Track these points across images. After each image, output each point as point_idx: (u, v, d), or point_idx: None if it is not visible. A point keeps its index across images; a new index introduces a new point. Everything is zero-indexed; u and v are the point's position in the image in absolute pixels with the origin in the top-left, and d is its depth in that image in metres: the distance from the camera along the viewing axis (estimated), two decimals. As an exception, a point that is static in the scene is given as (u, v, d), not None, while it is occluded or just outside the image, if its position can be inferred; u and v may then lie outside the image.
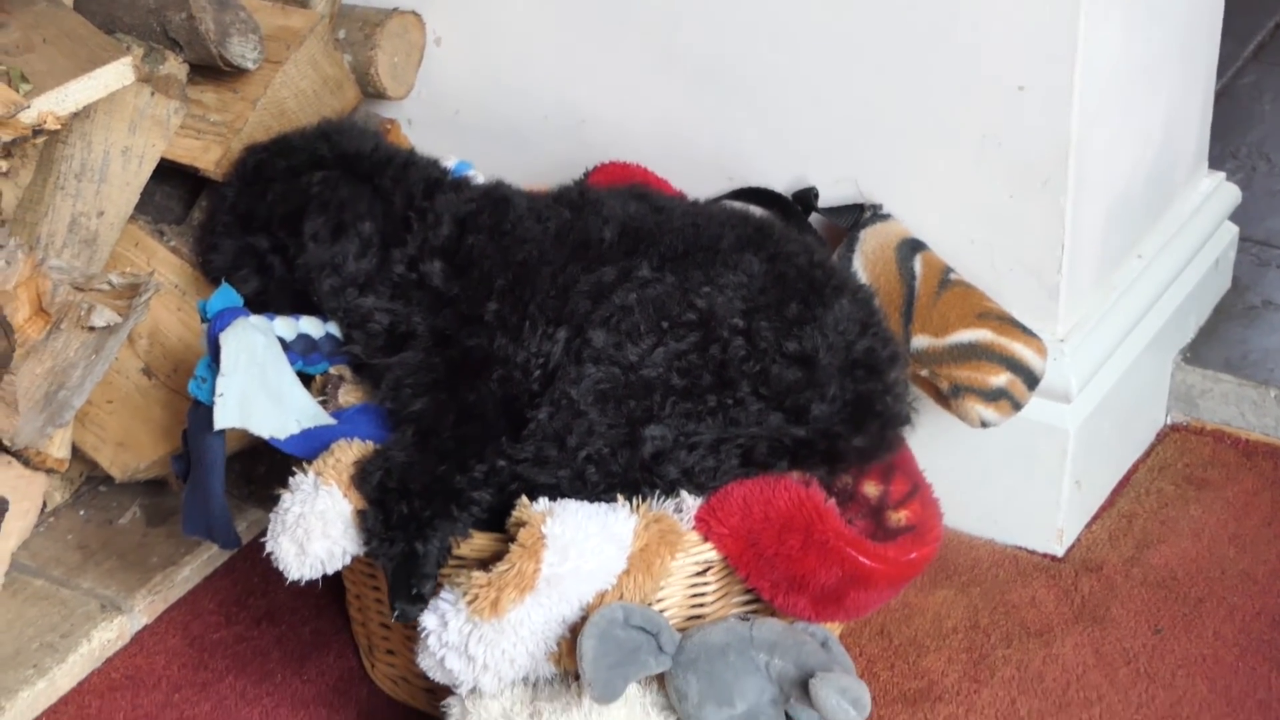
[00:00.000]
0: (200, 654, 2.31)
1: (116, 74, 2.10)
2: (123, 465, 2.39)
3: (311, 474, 2.00)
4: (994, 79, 2.22)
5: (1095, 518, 2.48)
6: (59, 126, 1.93)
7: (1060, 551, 2.42)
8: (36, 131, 1.90)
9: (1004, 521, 2.43)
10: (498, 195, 2.22)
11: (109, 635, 2.31)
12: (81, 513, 2.51)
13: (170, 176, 2.44)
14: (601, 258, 2.11)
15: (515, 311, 2.09)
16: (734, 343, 1.99)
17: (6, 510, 2.24)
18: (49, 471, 2.31)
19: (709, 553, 2.00)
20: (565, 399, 1.98)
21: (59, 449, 2.28)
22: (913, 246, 2.29)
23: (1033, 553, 2.43)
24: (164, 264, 2.39)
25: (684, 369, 1.98)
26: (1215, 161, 2.81)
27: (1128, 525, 2.47)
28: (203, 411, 2.05)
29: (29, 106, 1.90)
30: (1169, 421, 2.66)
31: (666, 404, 1.97)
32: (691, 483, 1.99)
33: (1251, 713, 2.17)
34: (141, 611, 2.35)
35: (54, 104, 2.02)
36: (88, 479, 2.53)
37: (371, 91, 2.57)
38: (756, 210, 2.31)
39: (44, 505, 2.43)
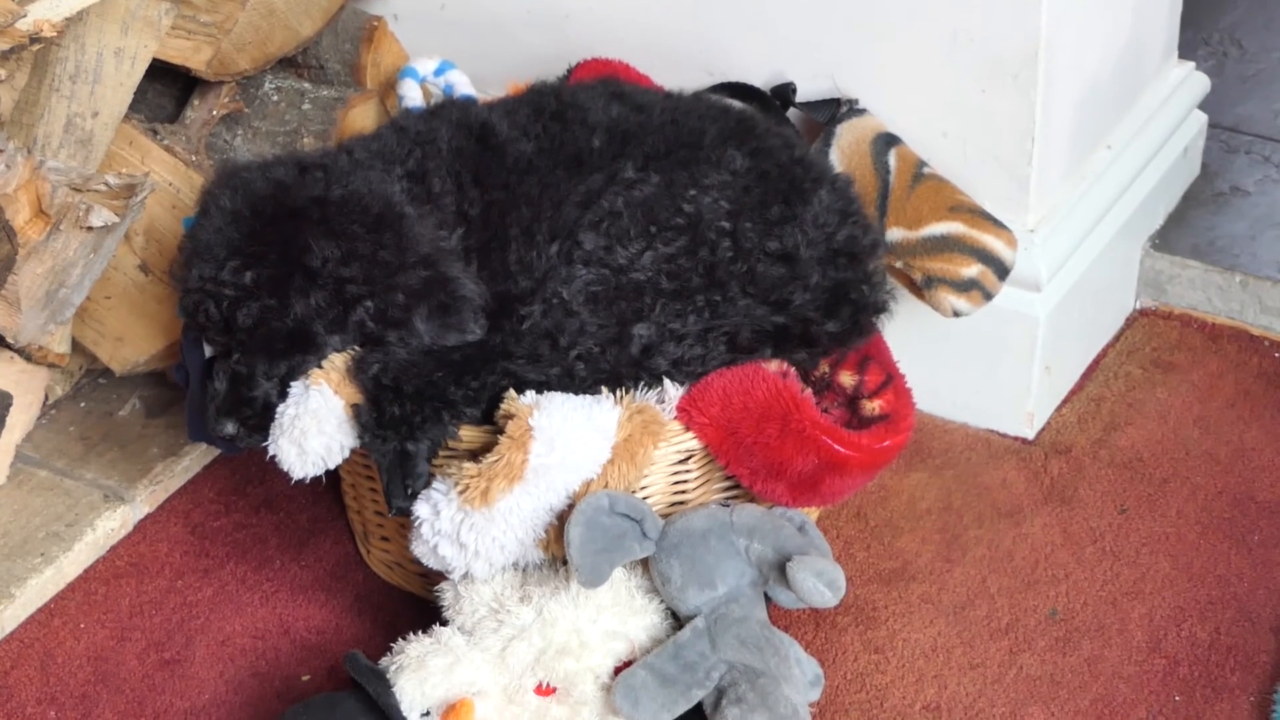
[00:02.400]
0: (201, 541, 2.39)
1: (111, -21, 2.15)
2: (122, 360, 2.46)
3: (301, 381, 2.06)
4: (966, -25, 2.28)
5: (1065, 401, 2.56)
6: (55, 34, 1.98)
7: (1031, 434, 2.50)
8: (33, 39, 1.95)
9: (977, 405, 2.51)
10: (476, 125, 2.21)
11: (113, 524, 2.39)
12: (82, 404, 2.58)
13: (162, 75, 2.48)
14: (590, 166, 2.16)
15: (523, 233, 2.13)
16: (721, 245, 2.06)
17: (10, 405, 2.31)
18: (50, 366, 2.38)
19: (690, 442, 2.07)
20: (557, 299, 2.04)
21: (59, 344, 2.35)
22: (887, 141, 2.35)
23: (1004, 436, 2.51)
24: (158, 162, 2.44)
25: (673, 272, 2.05)
26: (1187, 48, 2.86)
27: (1096, 408, 2.55)
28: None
29: (25, 15, 1.95)
30: (1138, 306, 2.74)
31: (656, 305, 2.04)
32: (681, 372, 2.06)
33: (1211, 588, 2.26)
34: (143, 501, 2.43)
35: (49, 10, 2.07)
36: (87, 371, 2.60)
37: (358, -12, 2.61)
38: (735, 104, 2.36)
39: (45, 398, 2.50)
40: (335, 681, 2.17)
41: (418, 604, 2.25)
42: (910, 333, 2.41)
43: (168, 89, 2.55)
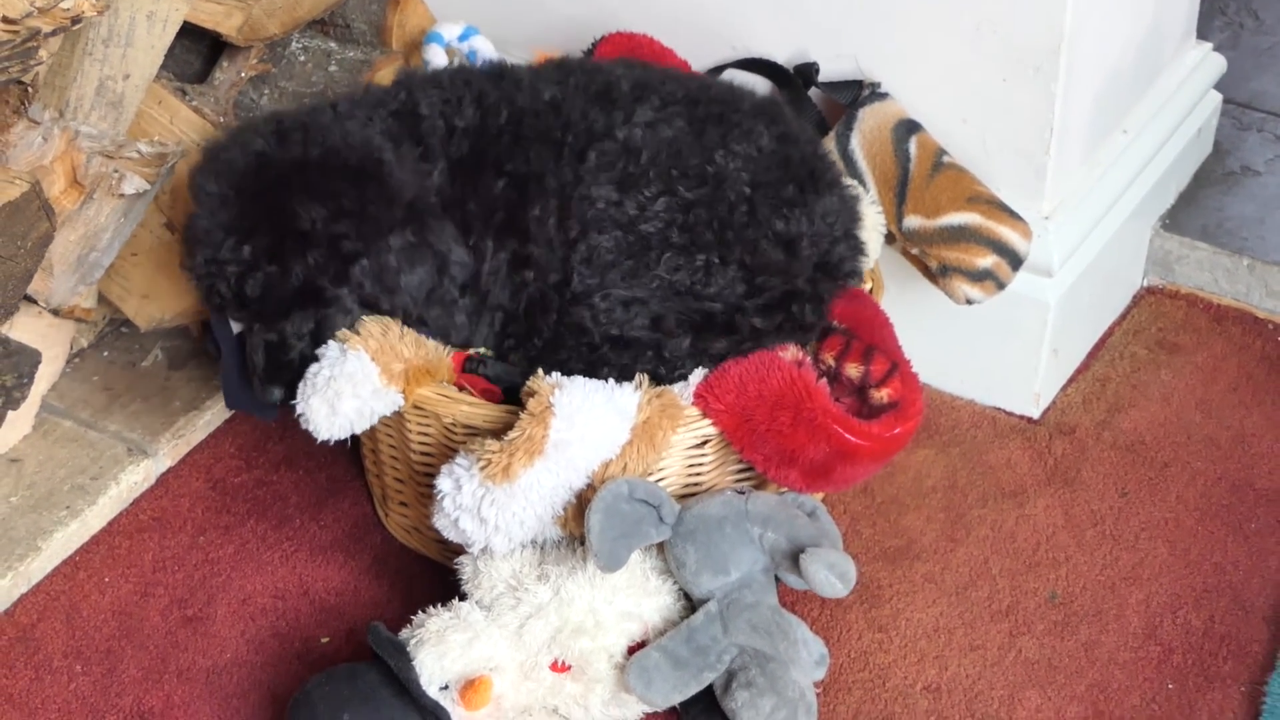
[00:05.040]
0: (222, 497, 2.44)
1: (146, -48, 2.18)
2: (147, 316, 2.50)
3: (337, 341, 2.10)
4: (992, -33, 2.30)
5: (1071, 380, 2.61)
6: (96, 13, 2.01)
7: (1036, 414, 2.55)
8: (75, 20, 1.98)
9: (985, 384, 2.56)
10: (496, 68, 2.25)
11: (136, 478, 2.44)
12: (105, 354, 2.62)
13: (189, 32, 2.50)
14: (618, 102, 2.18)
15: (551, 144, 2.16)
16: (739, 208, 2.10)
17: (39, 363, 2.35)
18: (77, 320, 2.43)
19: (707, 427, 2.12)
20: (587, 286, 2.10)
21: (87, 300, 2.39)
22: (909, 128, 2.38)
23: (1010, 414, 2.56)
24: (186, 122, 2.47)
25: (686, 224, 2.09)
26: (1203, 18, 2.88)
27: (1101, 389, 2.60)
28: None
29: (69, -2, 1.98)
30: (1145, 285, 2.78)
31: (661, 260, 2.08)
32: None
33: (1207, 575, 2.31)
34: (165, 455, 2.48)
35: (89, -17, 2.10)
36: (110, 320, 2.64)
37: (387, -50, 2.63)
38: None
39: (70, 348, 2.55)
40: (354, 644, 2.23)
41: (435, 569, 2.30)
42: (922, 310, 2.47)
43: (195, 45, 2.58)
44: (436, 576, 2.28)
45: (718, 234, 2.10)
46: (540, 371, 2.09)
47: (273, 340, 2.10)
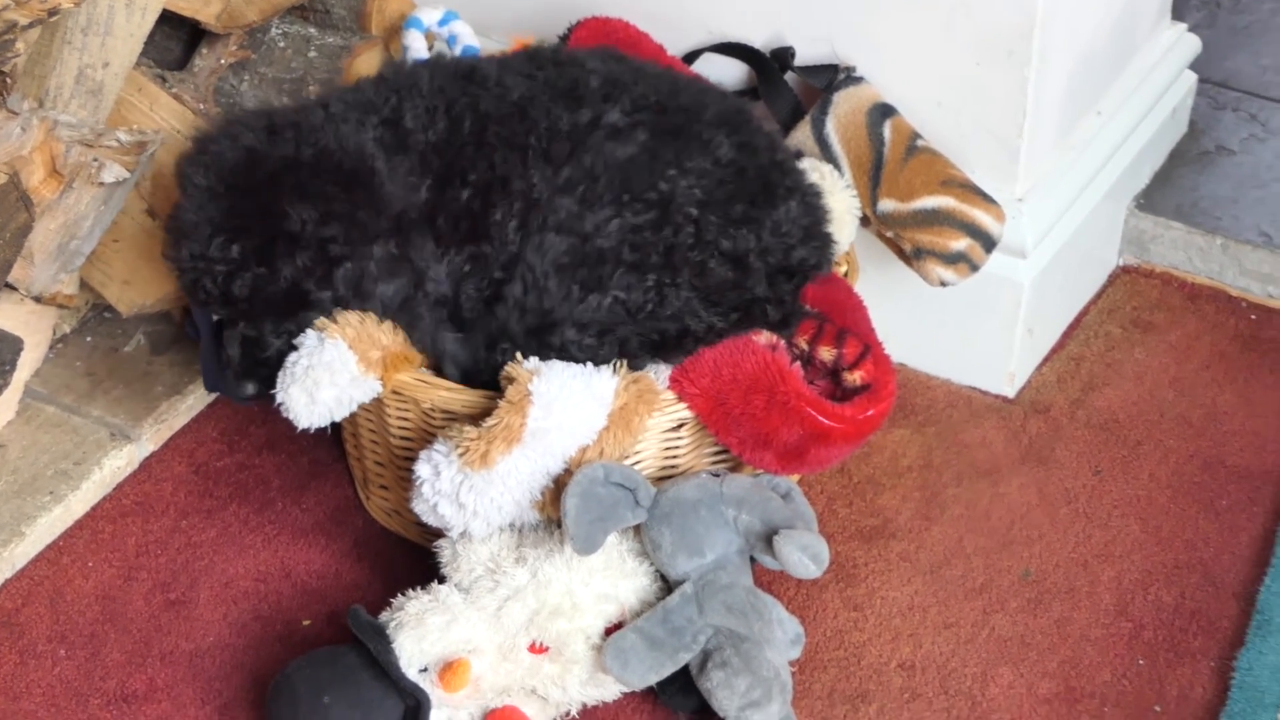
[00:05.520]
0: (205, 481, 2.47)
1: (123, -57, 2.19)
2: (129, 302, 2.52)
3: (314, 330, 2.12)
4: (964, -49, 2.32)
5: (1046, 360, 2.63)
6: (74, 4, 2.02)
7: (1011, 393, 2.58)
8: (52, 13, 1.99)
9: (960, 364, 2.58)
10: (464, 68, 2.25)
11: (119, 462, 2.46)
12: (88, 339, 2.64)
13: (169, 18, 2.51)
14: (584, 100, 2.20)
15: (516, 148, 2.17)
16: (685, 230, 2.11)
17: (21, 349, 2.37)
18: (60, 307, 2.44)
19: (683, 411, 2.15)
20: (530, 273, 2.11)
21: (69, 287, 2.41)
22: (883, 111, 2.40)
23: (986, 394, 2.59)
24: (166, 109, 2.49)
25: (636, 244, 2.10)
26: (1179, -2, 2.92)
27: (1075, 368, 2.62)
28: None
29: (46, -10, 2.00)
30: (1120, 264, 2.80)
31: (615, 275, 2.10)
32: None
33: (1178, 552, 2.34)
34: (148, 439, 2.50)
35: (66, -26, 2.11)
36: (93, 306, 2.66)
37: (365, -65, 2.65)
38: (732, 94, 2.39)
39: (53, 333, 2.56)
40: (335, 627, 2.26)
41: (415, 551, 2.33)
42: (898, 291, 2.49)
43: (174, 32, 2.59)
44: (417, 559, 2.30)
45: (664, 256, 2.11)
46: (519, 356, 2.11)
47: (251, 336, 2.12)
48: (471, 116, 2.17)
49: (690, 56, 2.57)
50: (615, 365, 2.11)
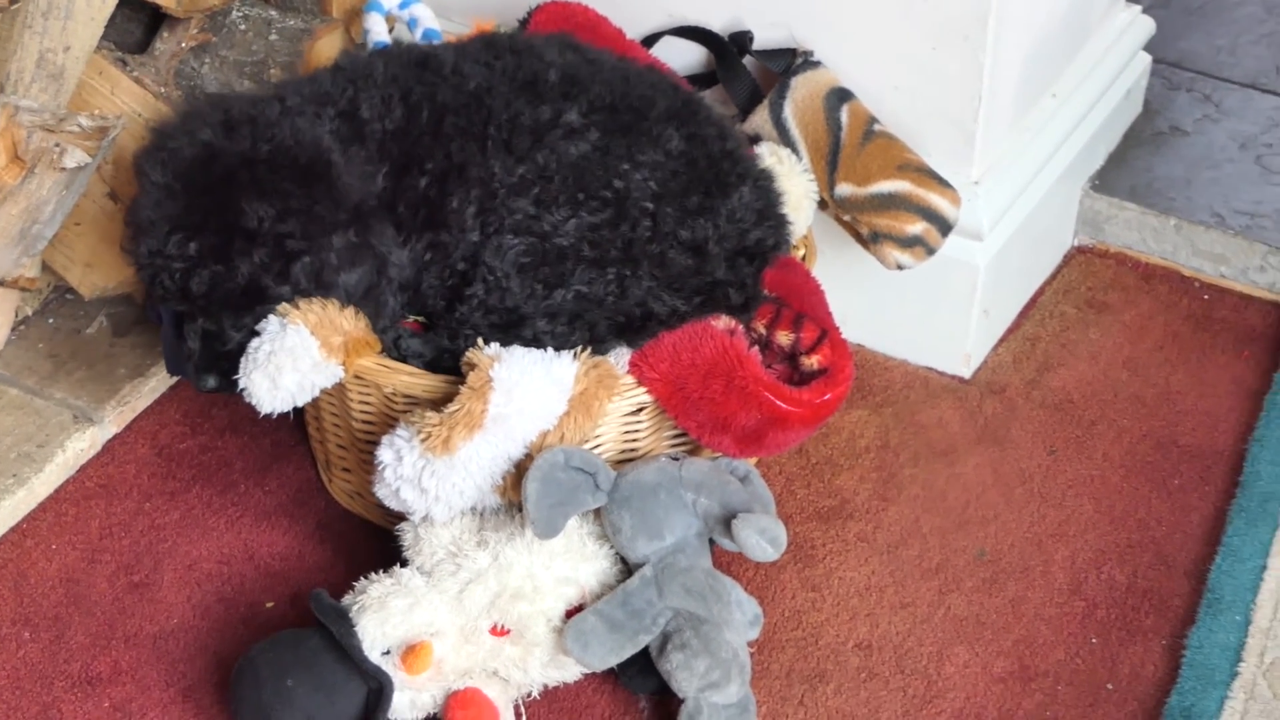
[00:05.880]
0: (168, 464, 2.48)
1: (83, -71, 2.20)
2: (91, 285, 2.53)
3: (276, 316, 2.14)
4: (920, -63, 2.34)
5: (1002, 340, 2.66)
6: (32, -7, 2.03)
7: (967, 374, 2.61)
8: (12, 1, 2.00)
9: (917, 345, 2.61)
10: (418, 55, 2.26)
11: (82, 445, 2.47)
12: (50, 321, 2.65)
13: (129, 1, 2.53)
14: (545, 96, 2.22)
15: (474, 137, 2.18)
16: (642, 224, 2.13)
17: (-16, 333, 2.38)
18: (21, 289, 2.45)
19: (642, 395, 2.17)
20: (492, 275, 2.13)
21: (31, 270, 2.42)
22: (840, 96, 2.42)
23: (942, 374, 2.62)
24: (127, 93, 2.49)
25: (595, 241, 2.12)
26: (1135, -22, 2.95)
27: (1031, 348, 2.65)
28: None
29: (5, -22, 2.00)
30: (1075, 244, 2.84)
31: (576, 270, 2.12)
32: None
33: (1131, 531, 2.38)
34: (111, 421, 2.51)
35: (25, -39, 2.12)
36: (55, 288, 2.67)
37: (325, -81, 2.65)
38: (683, 86, 2.40)
39: (15, 315, 2.57)
40: (298, 609, 2.28)
41: (377, 533, 2.35)
42: (856, 273, 2.52)
43: (135, 14, 2.60)
44: (379, 541, 2.32)
45: (623, 250, 2.14)
46: (480, 342, 2.13)
47: (211, 330, 2.13)
48: (429, 106, 2.18)
49: (650, 39, 2.59)
50: (576, 351, 2.13)
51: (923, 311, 2.57)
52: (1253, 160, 2.86)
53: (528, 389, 2.08)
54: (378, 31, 2.59)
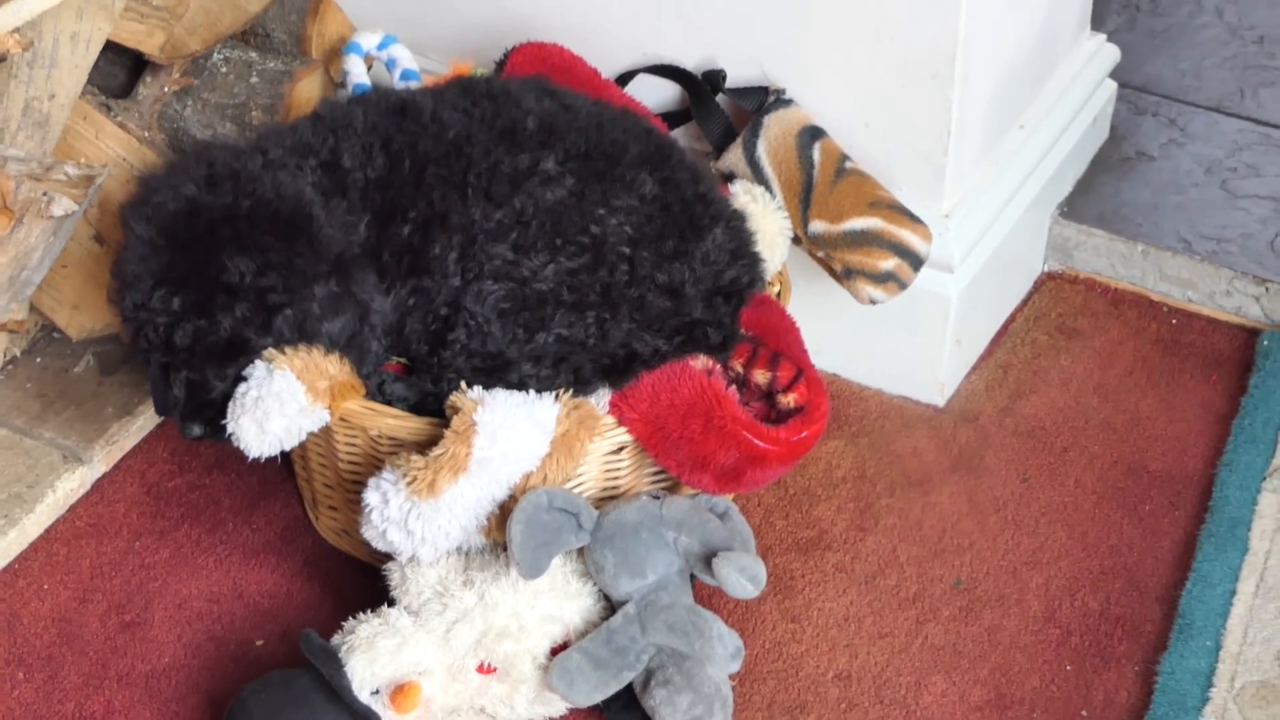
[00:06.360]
0: (157, 502, 2.52)
1: (68, -17, 2.23)
2: (79, 326, 2.57)
3: (263, 361, 2.17)
4: (889, -22, 2.39)
5: (974, 368, 2.71)
6: (21, 49, 2.07)
7: (941, 402, 2.65)
8: (0, 58, 2.03)
9: (891, 374, 2.66)
10: (395, 102, 2.30)
11: (71, 484, 2.51)
12: (38, 360, 2.68)
13: (112, 45, 2.55)
14: (523, 145, 2.27)
15: (455, 186, 2.23)
16: (619, 269, 2.18)
17: (-26, 378, 2.42)
18: (10, 332, 2.49)
19: (623, 435, 2.21)
20: (474, 320, 2.17)
21: (19, 313, 2.46)
22: (812, 134, 2.47)
23: (917, 403, 2.66)
24: (112, 138, 2.53)
25: (574, 286, 2.17)
26: (1100, 0, 2.98)
27: (1003, 375, 2.70)
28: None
29: (-6, 39, 2.04)
30: (1046, 270, 2.88)
31: (556, 314, 2.16)
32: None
33: (1104, 558, 2.43)
34: (100, 461, 2.54)
35: (12, 18, 2.15)
36: (42, 327, 2.70)
37: (301, -42, 2.69)
38: (656, 129, 2.44)
39: (3, 355, 2.61)
40: (287, 647, 2.32)
41: (364, 570, 2.39)
42: (831, 305, 2.56)
43: (118, 59, 2.63)
44: (366, 578, 2.36)
45: (602, 294, 2.18)
46: (463, 385, 2.17)
47: (195, 379, 2.17)
48: (410, 156, 2.22)
49: (624, 77, 2.63)
50: (557, 393, 2.17)
51: (896, 342, 2.62)
52: (1218, 185, 2.91)
53: (511, 432, 2.12)
54: (357, 73, 2.63)
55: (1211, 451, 2.57)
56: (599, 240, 2.19)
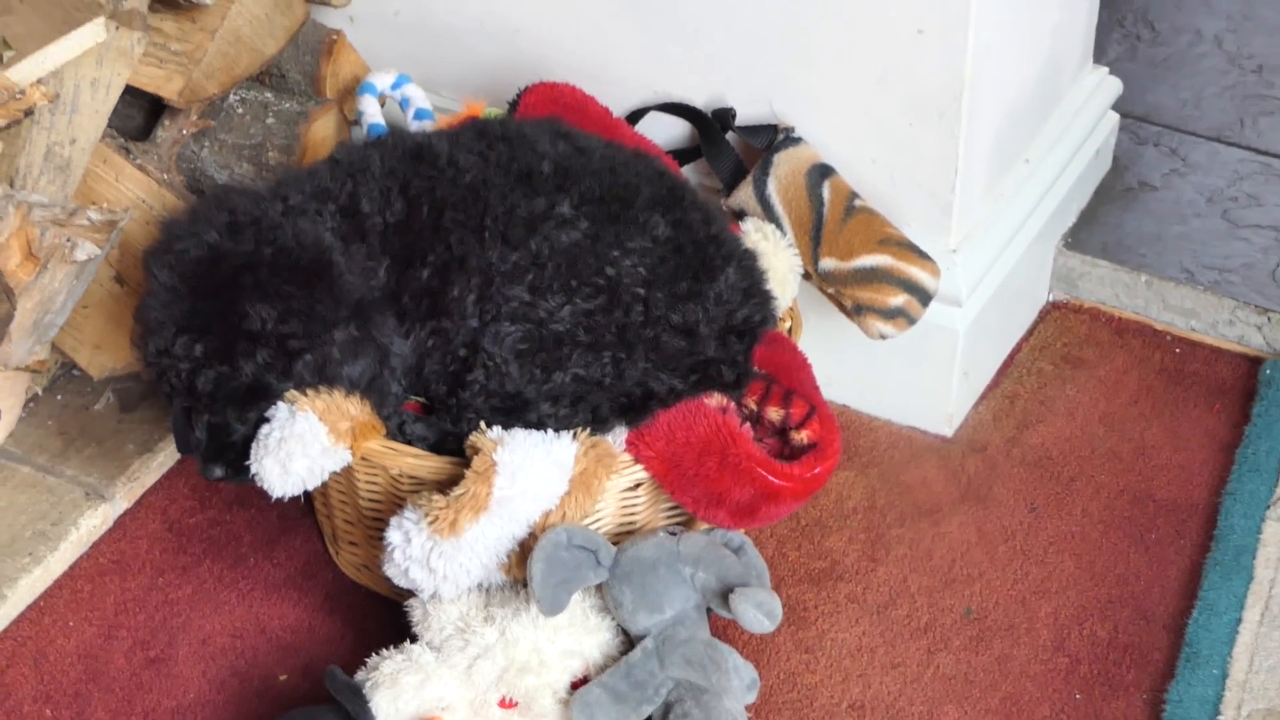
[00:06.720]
0: (179, 538, 2.56)
1: (91, 33, 2.27)
2: (100, 366, 2.61)
3: (285, 403, 2.21)
4: (895, 22, 2.42)
5: (981, 398, 2.75)
6: (48, 101, 2.11)
7: (950, 433, 2.70)
8: (28, 112, 2.08)
9: (900, 406, 2.70)
10: (411, 146, 2.34)
11: (94, 521, 2.54)
12: (59, 398, 2.72)
13: (130, 89, 2.60)
14: (538, 189, 2.30)
15: (472, 230, 2.27)
16: (634, 309, 2.22)
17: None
18: (32, 371, 2.53)
19: (639, 472, 2.26)
20: (491, 361, 2.21)
21: (41, 354, 2.50)
22: (822, 172, 2.51)
23: (925, 434, 2.70)
24: (131, 180, 2.57)
25: (590, 326, 2.21)
26: (1102, 30, 3.02)
27: (1010, 406, 2.74)
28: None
29: (22, 93, 2.08)
30: (1050, 299, 2.93)
31: (573, 354, 2.21)
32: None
33: (1111, 587, 2.47)
34: (122, 497, 2.58)
35: (36, 68, 2.19)
36: (62, 365, 2.74)
37: (316, 0, 2.73)
38: (669, 171, 2.48)
39: (25, 395, 2.65)
40: (310, 681, 2.35)
41: (385, 604, 2.43)
42: (841, 339, 2.60)
43: (136, 101, 2.67)
44: (387, 612, 2.40)
45: (618, 335, 2.23)
46: (483, 425, 2.21)
47: (216, 423, 2.21)
48: (428, 200, 2.27)
49: (635, 115, 2.67)
50: (575, 432, 2.21)
51: (905, 374, 2.66)
52: (1219, 215, 2.95)
53: (530, 471, 2.17)
54: (371, 113, 2.67)
55: (1216, 480, 2.61)
56: (614, 282, 2.23)
